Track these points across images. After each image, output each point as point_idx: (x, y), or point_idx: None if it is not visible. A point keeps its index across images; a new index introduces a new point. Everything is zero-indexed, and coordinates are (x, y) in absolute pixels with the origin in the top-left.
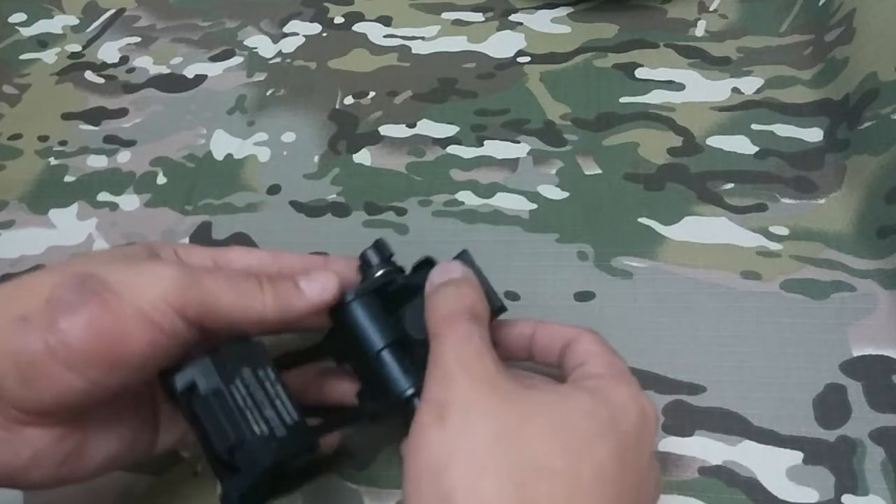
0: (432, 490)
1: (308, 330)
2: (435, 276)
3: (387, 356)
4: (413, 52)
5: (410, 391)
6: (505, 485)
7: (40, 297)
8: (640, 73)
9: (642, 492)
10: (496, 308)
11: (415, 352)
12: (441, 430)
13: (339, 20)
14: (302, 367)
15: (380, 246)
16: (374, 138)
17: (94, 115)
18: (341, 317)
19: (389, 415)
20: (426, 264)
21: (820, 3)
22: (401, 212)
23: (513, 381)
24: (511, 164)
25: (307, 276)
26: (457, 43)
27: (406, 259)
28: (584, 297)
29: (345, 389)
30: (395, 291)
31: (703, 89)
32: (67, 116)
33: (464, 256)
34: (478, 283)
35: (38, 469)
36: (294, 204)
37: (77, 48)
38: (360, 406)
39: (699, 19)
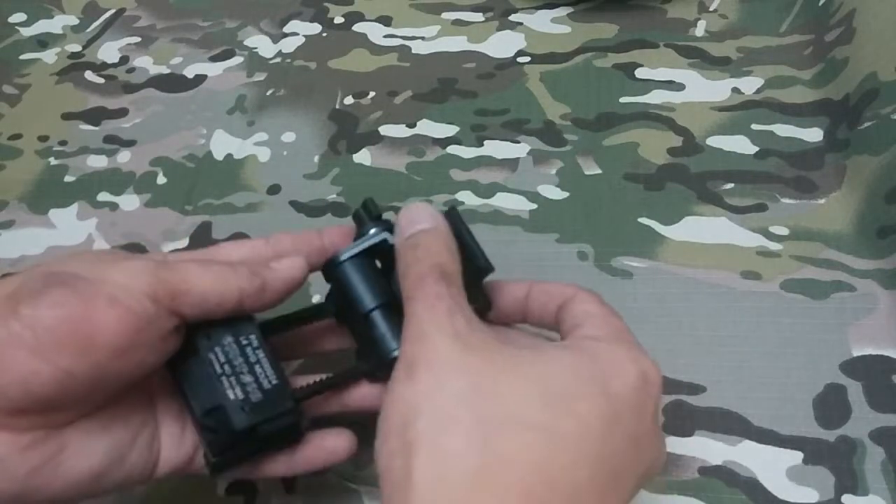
0: (397, 442)
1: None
2: (403, 223)
3: (377, 317)
4: (413, 52)
5: (397, 352)
6: (473, 437)
7: (3, 294)
8: (640, 73)
9: (636, 457)
10: (481, 268)
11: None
12: (410, 385)
13: (339, 20)
14: (305, 326)
15: (367, 205)
16: (374, 138)
17: (94, 115)
18: (334, 278)
19: (381, 375)
20: None
21: (820, 3)
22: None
23: (490, 338)
24: (511, 164)
25: (278, 258)
26: (457, 43)
27: None
28: None
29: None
30: (388, 249)
31: (703, 89)
32: (67, 116)
33: (450, 213)
34: (445, 232)
35: (2, 476)
36: (294, 204)
37: (77, 48)
38: (356, 366)
39: (699, 19)
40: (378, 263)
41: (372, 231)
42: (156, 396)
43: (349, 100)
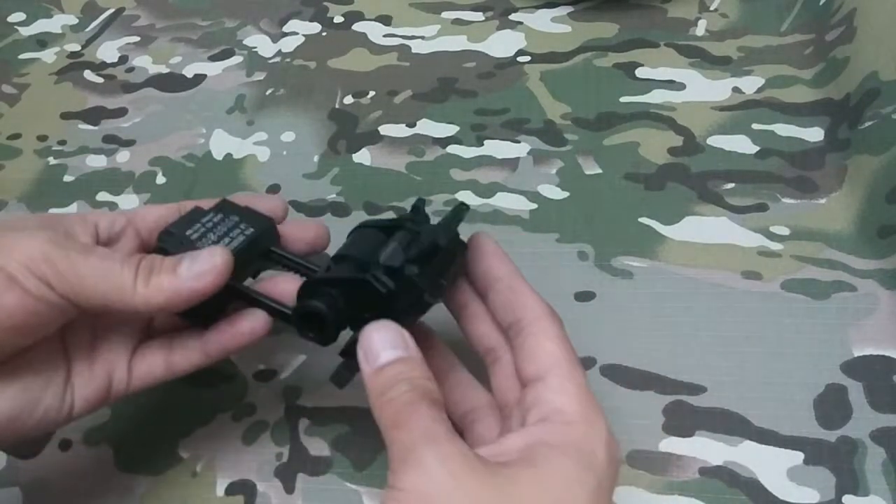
0: None
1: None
2: (373, 347)
3: (336, 263)
4: (413, 51)
5: (318, 277)
6: None
7: None
8: (641, 72)
9: None
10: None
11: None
12: None
13: (338, 19)
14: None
15: (420, 204)
16: (373, 138)
17: (94, 115)
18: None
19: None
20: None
21: (821, 3)
22: (401, 212)
23: (482, 467)
24: (511, 163)
25: (191, 257)
26: (457, 42)
27: None
28: (584, 297)
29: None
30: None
31: (703, 89)
32: (66, 116)
33: (417, 205)
34: (420, 357)
35: None
36: (294, 204)
37: (76, 48)
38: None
39: (700, 19)
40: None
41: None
42: (66, 337)
43: (349, 99)
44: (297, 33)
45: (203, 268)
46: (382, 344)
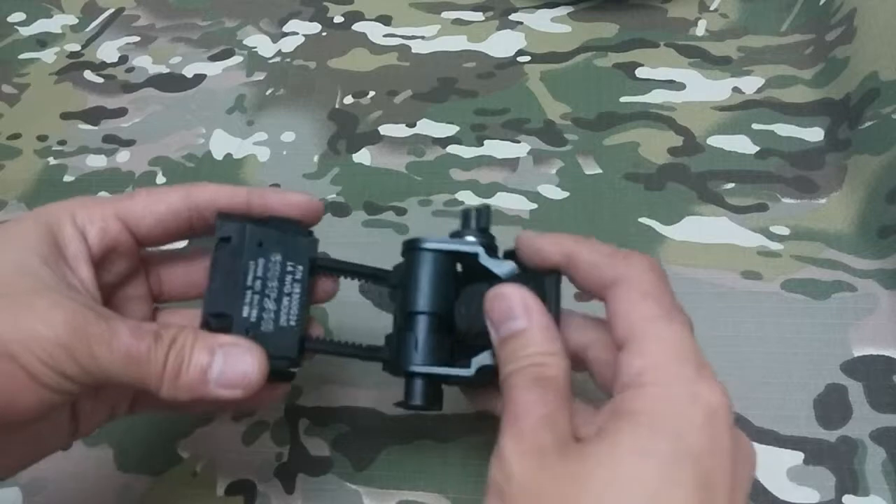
0: None
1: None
2: (496, 316)
3: (420, 322)
4: (413, 51)
5: (414, 368)
6: None
7: None
8: (641, 72)
9: (734, 482)
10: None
11: (453, 333)
12: None
13: (338, 19)
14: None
15: (481, 211)
16: (373, 138)
17: (94, 115)
18: (409, 258)
19: (392, 372)
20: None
21: (821, 3)
22: (401, 212)
23: (566, 449)
24: (511, 163)
25: (224, 345)
26: (457, 42)
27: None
28: (584, 296)
29: None
30: (473, 265)
31: (703, 89)
32: (66, 116)
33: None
34: (543, 327)
35: None
36: None
37: (76, 48)
38: (378, 349)
39: (700, 19)
40: (458, 267)
41: (469, 239)
42: None
43: (349, 99)
44: (297, 33)
45: (234, 378)
46: (504, 314)
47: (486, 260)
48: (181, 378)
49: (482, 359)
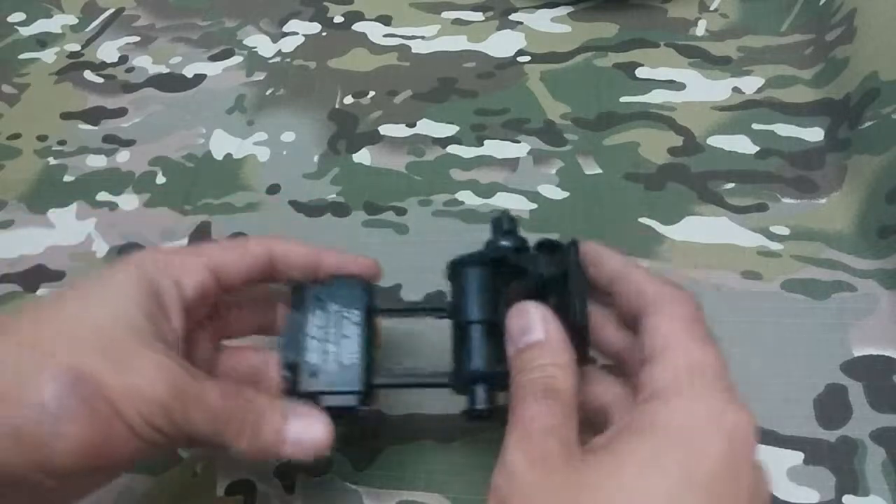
0: None
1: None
2: (514, 331)
3: (474, 331)
4: (413, 51)
5: (471, 370)
6: None
7: (34, 394)
8: (641, 72)
9: None
10: (573, 322)
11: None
12: None
13: (338, 19)
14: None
15: (502, 219)
16: (373, 138)
17: (94, 115)
18: (454, 279)
19: (460, 388)
20: (546, 247)
21: (821, 3)
22: (401, 212)
23: (573, 458)
24: (511, 163)
25: (298, 414)
26: (457, 42)
27: (404, 260)
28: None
29: None
30: (511, 267)
31: (703, 89)
32: (66, 116)
33: (571, 247)
34: (557, 341)
35: None
36: (294, 204)
37: (76, 48)
38: (445, 373)
39: (700, 19)
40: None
41: (502, 245)
42: None
43: (349, 99)
44: (297, 33)
45: (305, 442)
46: (522, 328)
47: (517, 259)
48: (258, 439)
49: None
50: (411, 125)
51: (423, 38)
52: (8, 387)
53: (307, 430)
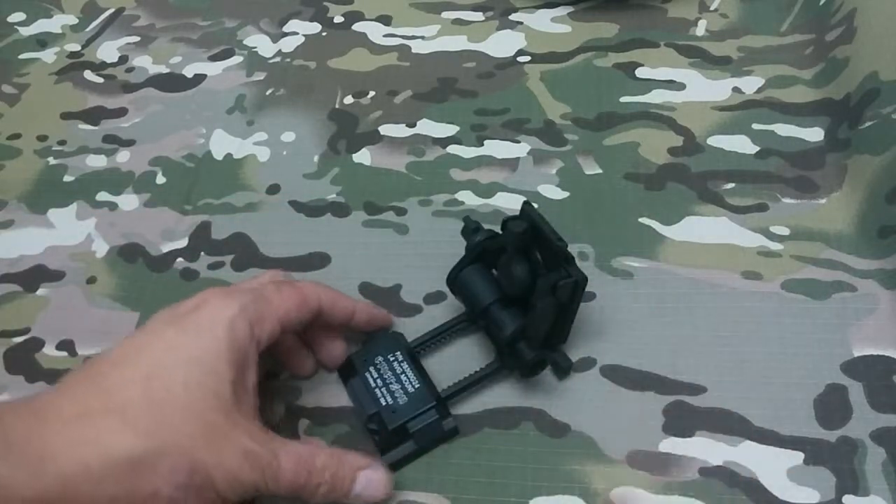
0: None
1: None
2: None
3: (494, 309)
4: (413, 51)
5: (508, 334)
6: None
7: (152, 485)
8: (641, 72)
9: None
10: (556, 247)
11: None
12: None
13: (338, 19)
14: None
15: (469, 221)
16: (373, 138)
17: (94, 115)
18: (457, 289)
19: (513, 367)
20: (507, 221)
21: (821, 3)
22: (401, 212)
23: None
24: (511, 163)
25: (363, 469)
26: (457, 42)
27: (404, 260)
28: (584, 297)
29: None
30: (494, 252)
31: (703, 89)
32: (66, 116)
33: (525, 208)
34: None
35: None
36: (294, 204)
37: (76, 48)
38: (494, 364)
39: (700, 19)
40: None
41: (477, 240)
42: None
43: (349, 99)
44: (297, 33)
45: (370, 495)
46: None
47: (494, 242)
48: (329, 496)
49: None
50: (411, 125)
51: (423, 38)
52: (127, 478)
53: (371, 483)
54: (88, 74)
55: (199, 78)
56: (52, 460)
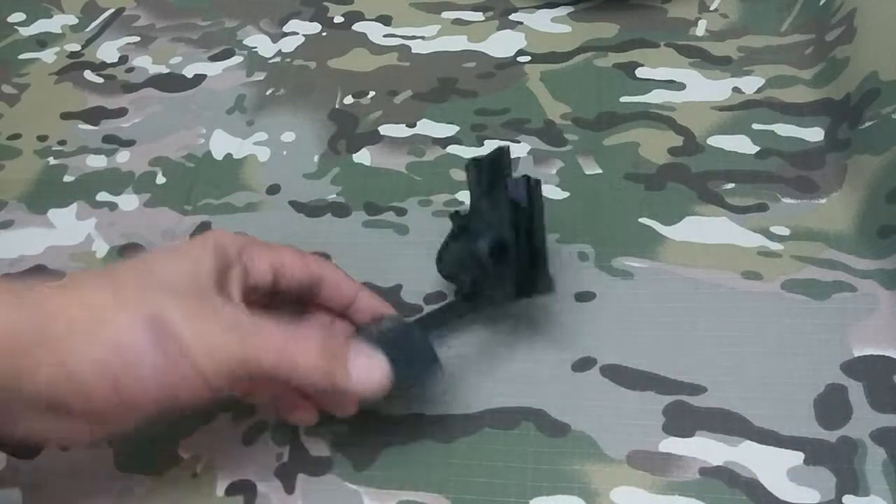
0: None
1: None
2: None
3: (478, 249)
4: (413, 51)
5: (488, 240)
6: None
7: (110, 336)
8: (641, 72)
9: None
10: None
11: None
12: None
13: (338, 19)
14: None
15: (454, 215)
16: (373, 138)
17: (94, 115)
18: (448, 271)
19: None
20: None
21: (821, 3)
22: (401, 212)
23: None
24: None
25: (361, 353)
26: (457, 42)
27: (404, 260)
28: (584, 297)
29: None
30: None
31: (703, 89)
32: (66, 116)
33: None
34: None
35: None
36: (294, 204)
37: (76, 48)
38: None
39: (700, 19)
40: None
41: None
42: None
43: (349, 99)
44: (297, 33)
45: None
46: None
47: (466, 219)
48: (325, 379)
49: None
50: (411, 125)
51: (423, 38)
52: (88, 326)
53: (368, 365)
54: (88, 74)
55: (199, 78)
56: (53, 317)
